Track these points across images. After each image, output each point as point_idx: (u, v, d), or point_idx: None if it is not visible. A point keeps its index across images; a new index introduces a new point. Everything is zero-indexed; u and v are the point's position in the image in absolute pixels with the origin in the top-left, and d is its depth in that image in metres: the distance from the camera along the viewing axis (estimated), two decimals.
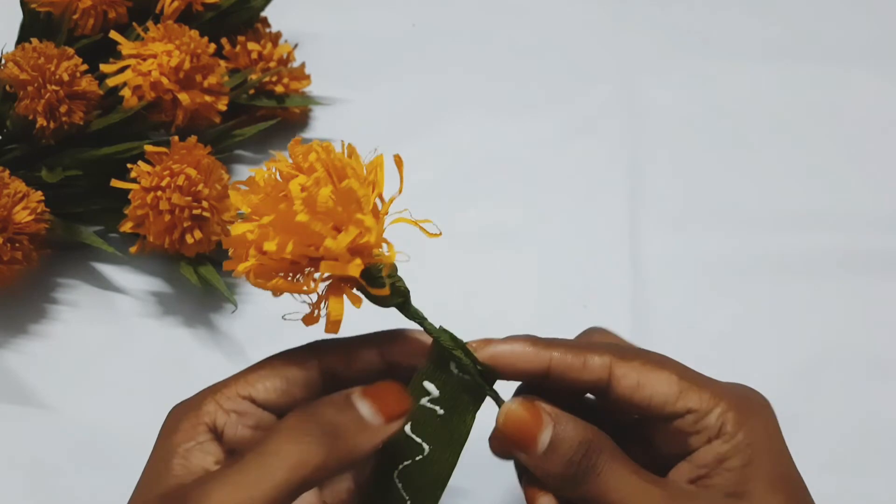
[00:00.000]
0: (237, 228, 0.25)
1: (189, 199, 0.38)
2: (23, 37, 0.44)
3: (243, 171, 0.48)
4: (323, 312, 0.26)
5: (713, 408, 0.27)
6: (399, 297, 0.28)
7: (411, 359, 0.28)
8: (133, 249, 0.40)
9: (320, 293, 0.26)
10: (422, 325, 0.28)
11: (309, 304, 0.27)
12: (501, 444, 0.28)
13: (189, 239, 0.39)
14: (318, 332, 0.43)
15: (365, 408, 0.25)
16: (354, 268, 0.25)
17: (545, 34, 0.54)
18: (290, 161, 0.26)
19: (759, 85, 0.51)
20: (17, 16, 0.45)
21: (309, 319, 0.27)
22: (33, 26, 0.44)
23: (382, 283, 0.27)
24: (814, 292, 0.43)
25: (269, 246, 0.24)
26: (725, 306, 0.43)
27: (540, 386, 0.28)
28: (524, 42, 0.53)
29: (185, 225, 0.39)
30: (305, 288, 0.25)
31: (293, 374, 0.27)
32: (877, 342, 0.41)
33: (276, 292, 0.26)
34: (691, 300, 0.43)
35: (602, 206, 0.46)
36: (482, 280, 0.44)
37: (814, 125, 0.49)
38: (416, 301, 0.43)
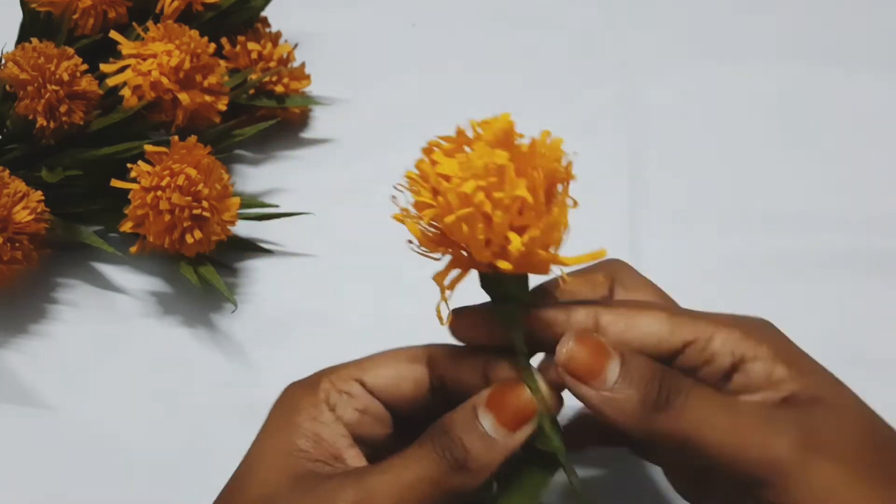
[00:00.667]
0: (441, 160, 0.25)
1: (189, 198, 0.38)
2: (23, 36, 0.44)
3: (243, 171, 0.48)
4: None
5: (713, 333, 0.26)
6: (512, 304, 0.27)
7: None
8: (133, 249, 0.40)
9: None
10: (515, 344, 0.27)
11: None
12: (569, 380, 0.25)
13: (189, 239, 0.39)
14: (325, 335, 0.44)
15: (487, 421, 0.25)
16: (506, 263, 0.25)
17: (545, 34, 0.54)
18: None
19: (760, 85, 0.51)
20: (17, 16, 0.45)
21: (449, 281, 0.27)
22: (33, 26, 0.44)
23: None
24: (814, 292, 0.43)
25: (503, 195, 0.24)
26: (725, 306, 0.42)
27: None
28: (524, 42, 0.53)
29: (186, 225, 0.39)
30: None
31: (404, 369, 0.28)
32: (877, 342, 0.41)
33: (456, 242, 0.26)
34: (691, 300, 0.43)
35: (602, 206, 0.46)
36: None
37: (814, 125, 0.49)
38: (412, 299, 0.43)
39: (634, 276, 0.30)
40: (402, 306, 0.43)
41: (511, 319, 0.27)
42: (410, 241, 0.27)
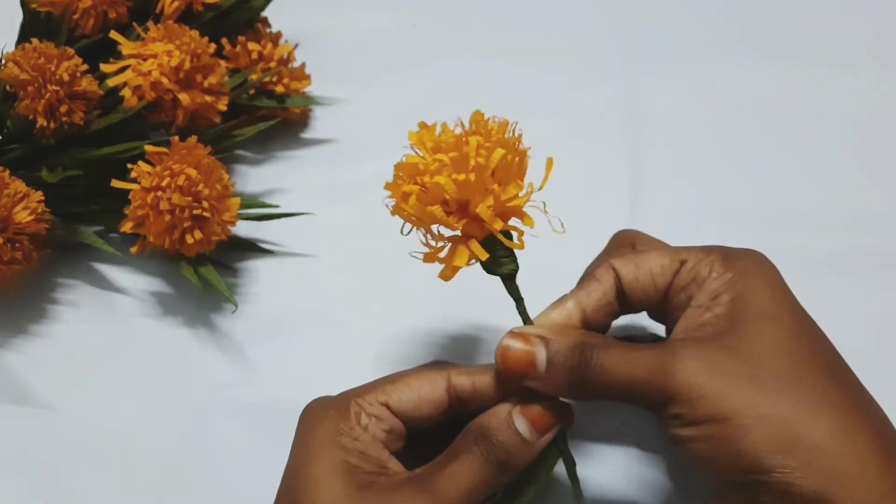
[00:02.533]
0: (411, 158, 0.30)
1: (189, 199, 0.38)
2: (23, 37, 0.45)
3: (244, 171, 0.48)
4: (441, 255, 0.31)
5: (705, 257, 0.30)
6: (511, 266, 0.32)
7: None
8: (133, 249, 0.40)
9: (447, 238, 0.30)
10: (517, 306, 0.32)
11: (432, 246, 0.30)
12: (509, 380, 0.30)
13: (189, 239, 0.39)
14: (325, 335, 0.44)
15: (523, 426, 0.29)
16: (499, 222, 0.29)
17: (545, 34, 0.54)
18: (468, 127, 0.31)
19: (760, 85, 0.51)
20: (18, 16, 0.45)
21: (430, 257, 0.31)
22: (33, 26, 0.44)
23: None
24: (814, 292, 0.43)
25: (440, 179, 0.28)
26: None
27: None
28: (524, 42, 0.53)
29: (186, 225, 0.39)
30: (451, 224, 0.29)
31: (426, 391, 0.31)
32: (877, 342, 0.41)
33: (423, 222, 0.30)
34: None
35: (602, 206, 0.46)
36: (481, 279, 0.44)
37: (814, 126, 0.49)
38: (412, 300, 0.43)
39: (647, 238, 0.36)
40: (401, 306, 0.43)
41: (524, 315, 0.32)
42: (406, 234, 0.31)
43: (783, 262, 0.44)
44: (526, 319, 0.31)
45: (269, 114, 0.47)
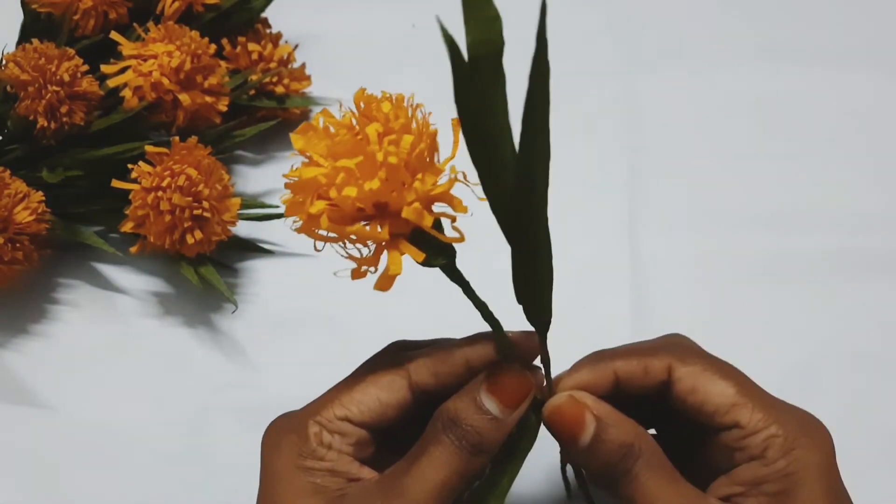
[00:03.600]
0: (307, 171, 0.25)
1: (190, 199, 0.39)
2: (24, 37, 0.45)
3: (244, 172, 0.48)
4: (371, 269, 0.28)
5: (762, 428, 0.27)
6: (446, 257, 0.29)
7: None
8: (133, 250, 0.40)
9: (369, 248, 0.27)
10: (465, 292, 0.30)
11: (356, 258, 0.27)
12: (549, 429, 0.29)
13: (189, 239, 0.39)
14: (325, 335, 0.44)
15: (492, 405, 0.28)
16: (428, 217, 0.26)
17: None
18: (355, 111, 0.27)
19: (759, 85, 0.51)
20: (18, 16, 0.45)
21: (357, 274, 0.28)
22: (34, 27, 0.44)
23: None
24: (814, 293, 0.43)
25: (350, 191, 0.25)
26: (725, 306, 0.43)
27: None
28: (524, 42, 0.53)
29: (186, 225, 0.39)
30: (376, 235, 0.26)
31: (386, 397, 0.29)
32: (877, 342, 0.41)
33: (343, 239, 0.27)
34: (691, 300, 0.43)
35: (602, 206, 0.46)
36: (481, 280, 0.44)
37: (814, 126, 0.49)
38: (413, 302, 0.43)
39: (693, 358, 0.30)
40: (401, 306, 0.43)
41: (480, 304, 0.29)
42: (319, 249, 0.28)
43: (783, 262, 0.44)
44: (477, 303, 0.29)
45: (269, 114, 0.47)
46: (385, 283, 0.27)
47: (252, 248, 0.45)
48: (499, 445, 0.28)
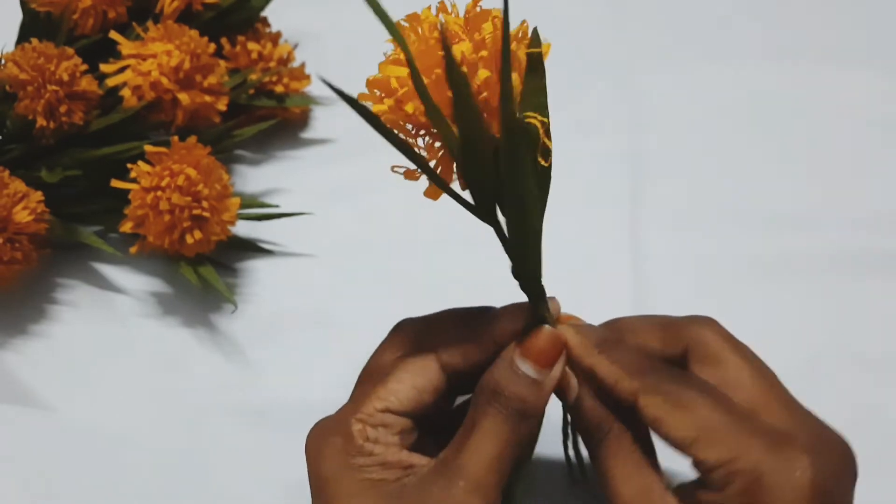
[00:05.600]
0: (387, 69, 0.26)
1: (189, 199, 0.38)
2: (22, 37, 0.44)
3: (243, 171, 0.48)
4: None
5: (723, 463, 0.26)
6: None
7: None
8: (133, 250, 0.40)
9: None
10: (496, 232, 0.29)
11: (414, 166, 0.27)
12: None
13: (189, 239, 0.39)
14: (325, 335, 0.43)
15: (528, 367, 0.28)
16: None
17: (545, 33, 0.54)
18: (460, 17, 0.26)
19: (760, 85, 0.51)
20: (17, 16, 0.45)
21: (410, 175, 0.28)
22: (33, 26, 0.44)
23: None
24: (814, 293, 0.43)
25: (410, 107, 0.25)
26: (725, 306, 0.42)
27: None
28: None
29: (185, 225, 0.39)
30: (425, 145, 0.26)
31: (421, 382, 0.29)
32: (877, 342, 0.41)
33: (398, 138, 0.26)
34: (691, 300, 0.43)
35: (602, 206, 0.46)
36: (482, 279, 0.44)
37: (814, 125, 0.49)
38: (412, 300, 0.43)
39: (712, 347, 0.30)
40: (401, 306, 0.43)
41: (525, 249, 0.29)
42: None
43: (783, 262, 0.44)
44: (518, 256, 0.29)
45: (268, 114, 0.47)
46: (433, 192, 0.28)
47: (251, 248, 0.44)
48: (543, 408, 0.29)
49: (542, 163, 0.27)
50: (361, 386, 0.30)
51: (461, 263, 0.44)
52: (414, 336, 0.31)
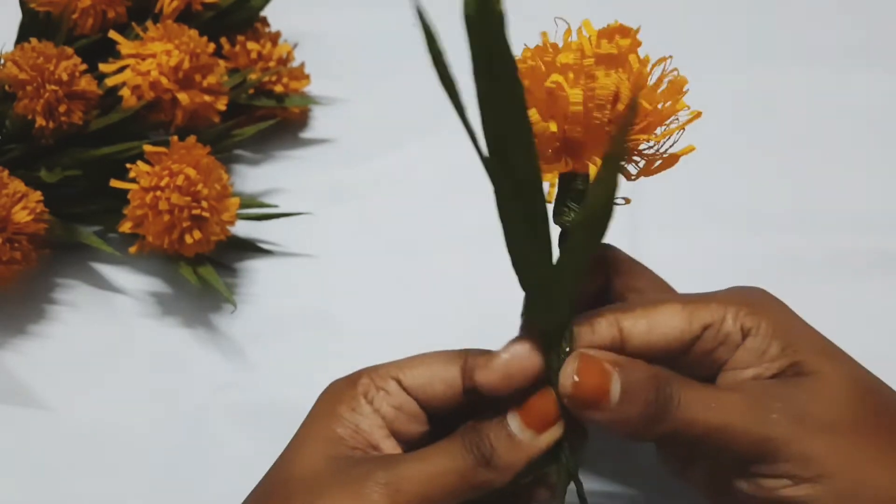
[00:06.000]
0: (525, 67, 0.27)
1: (188, 199, 0.38)
2: (22, 36, 0.44)
3: (243, 171, 0.48)
4: None
5: (725, 314, 0.28)
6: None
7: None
8: (132, 250, 0.40)
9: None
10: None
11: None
12: (575, 408, 0.27)
13: (188, 239, 0.39)
14: (325, 335, 0.43)
15: (514, 423, 0.27)
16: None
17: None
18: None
19: (759, 84, 0.51)
20: (17, 15, 0.45)
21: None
22: (32, 26, 0.44)
23: None
24: (814, 293, 0.43)
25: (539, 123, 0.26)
26: None
27: None
28: (524, 41, 0.53)
29: (185, 225, 0.39)
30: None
31: (438, 370, 0.29)
32: (877, 342, 0.41)
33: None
34: None
35: None
36: (482, 278, 0.44)
37: (814, 125, 0.49)
38: (412, 300, 0.43)
39: (626, 262, 0.32)
40: (401, 306, 0.43)
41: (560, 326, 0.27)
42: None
43: (784, 262, 0.44)
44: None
45: (268, 113, 0.47)
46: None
47: (251, 248, 0.44)
48: (514, 468, 0.27)
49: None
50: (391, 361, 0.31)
51: (461, 264, 0.44)
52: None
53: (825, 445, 0.26)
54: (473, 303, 0.43)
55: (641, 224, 0.46)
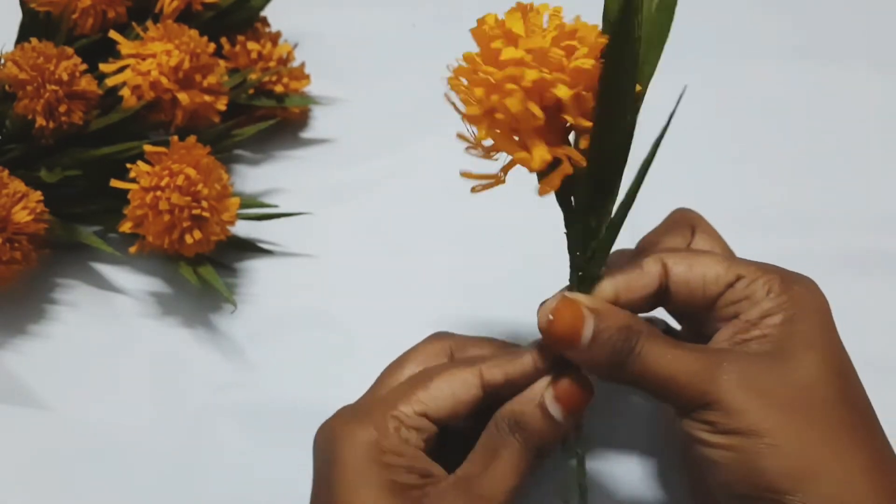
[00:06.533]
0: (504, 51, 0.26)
1: (188, 199, 0.38)
2: (22, 36, 0.44)
3: (243, 171, 0.48)
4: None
5: (761, 276, 0.30)
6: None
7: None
8: (132, 249, 0.40)
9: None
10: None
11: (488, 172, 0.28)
12: (549, 345, 0.30)
13: (188, 239, 0.39)
14: (325, 335, 0.43)
15: (556, 410, 0.29)
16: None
17: None
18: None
19: (759, 84, 0.51)
20: (17, 15, 0.45)
21: (497, 181, 0.29)
22: (32, 26, 0.44)
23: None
24: None
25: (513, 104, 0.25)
26: None
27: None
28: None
29: (185, 225, 0.39)
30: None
31: (460, 393, 0.30)
32: (877, 342, 0.41)
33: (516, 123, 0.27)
34: None
35: None
36: (483, 278, 0.44)
37: (814, 125, 0.49)
38: (412, 300, 0.43)
39: (707, 227, 0.35)
40: (401, 306, 0.43)
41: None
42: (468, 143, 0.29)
43: (783, 262, 0.44)
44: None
45: (268, 113, 0.47)
46: (551, 183, 0.28)
47: (251, 248, 0.44)
48: (556, 446, 0.30)
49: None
50: (402, 385, 0.31)
51: (461, 264, 0.44)
52: (451, 349, 0.32)
53: (759, 411, 0.27)
54: (473, 303, 0.43)
55: (641, 224, 0.45)
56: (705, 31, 0.54)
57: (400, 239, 0.45)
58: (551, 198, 0.31)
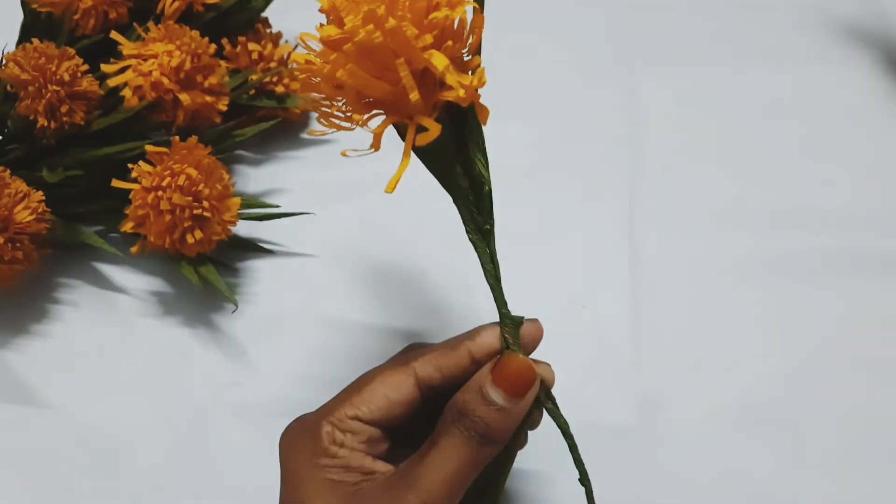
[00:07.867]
0: (325, 30, 0.26)
1: (190, 199, 0.39)
2: (24, 37, 0.45)
3: (244, 171, 0.48)
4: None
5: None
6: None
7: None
8: (134, 249, 0.40)
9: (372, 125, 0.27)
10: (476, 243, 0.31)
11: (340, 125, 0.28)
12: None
13: (190, 239, 0.39)
14: (325, 335, 0.43)
15: (497, 395, 0.29)
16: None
17: (546, 34, 0.54)
18: None
19: (759, 85, 0.51)
20: (18, 16, 0.45)
21: (377, 145, 0.29)
22: (34, 26, 0.44)
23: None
24: (813, 293, 0.43)
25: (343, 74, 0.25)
26: (725, 306, 0.43)
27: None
28: (524, 42, 0.53)
29: (186, 225, 0.39)
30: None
31: (393, 395, 0.30)
32: (877, 342, 0.41)
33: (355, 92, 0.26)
34: (691, 300, 0.43)
35: (602, 206, 0.46)
36: (482, 278, 0.44)
37: (813, 125, 0.49)
38: (412, 300, 0.43)
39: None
40: (401, 305, 0.43)
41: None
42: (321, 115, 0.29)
43: (784, 262, 0.44)
44: (488, 269, 0.32)
45: (269, 114, 0.47)
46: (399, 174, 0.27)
47: (252, 248, 0.45)
48: (509, 434, 0.29)
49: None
50: (342, 391, 0.31)
51: (461, 264, 0.44)
52: (402, 353, 0.32)
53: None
54: (473, 302, 0.43)
55: (641, 224, 0.46)
56: (704, 32, 0.54)
57: (399, 239, 0.45)
58: (554, 199, 0.31)
